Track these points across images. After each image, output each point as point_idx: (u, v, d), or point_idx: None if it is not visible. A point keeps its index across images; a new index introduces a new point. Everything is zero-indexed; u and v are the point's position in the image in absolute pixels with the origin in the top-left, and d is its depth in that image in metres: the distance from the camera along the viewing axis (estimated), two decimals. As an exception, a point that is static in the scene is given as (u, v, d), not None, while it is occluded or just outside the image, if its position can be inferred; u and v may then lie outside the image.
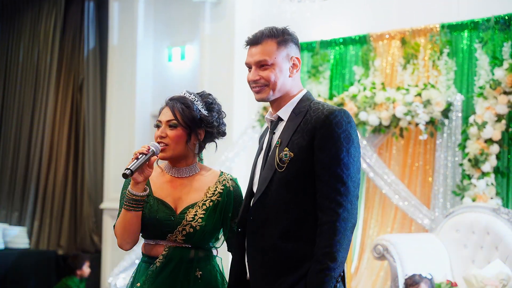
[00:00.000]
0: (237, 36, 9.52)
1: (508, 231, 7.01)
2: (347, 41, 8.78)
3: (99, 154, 11.30)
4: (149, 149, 3.57)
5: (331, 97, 8.55)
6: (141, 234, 3.77)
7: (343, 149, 3.31)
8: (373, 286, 8.20)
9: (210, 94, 3.89)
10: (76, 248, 11.17)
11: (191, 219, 3.64)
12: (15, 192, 11.82)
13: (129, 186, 3.64)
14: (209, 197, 3.70)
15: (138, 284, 3.67)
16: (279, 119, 3.56)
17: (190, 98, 3.77)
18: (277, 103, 3.56)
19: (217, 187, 3.74)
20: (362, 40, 8.61)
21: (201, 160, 3.93)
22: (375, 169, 8.13)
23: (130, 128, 10.65)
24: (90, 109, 11.33)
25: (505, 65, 7.31)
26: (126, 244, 3.73)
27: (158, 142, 3.70)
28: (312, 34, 9.11)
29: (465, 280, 6.79)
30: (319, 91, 8.77)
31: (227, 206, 3.71)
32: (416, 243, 7.45)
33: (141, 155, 3.55)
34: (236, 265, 3.61)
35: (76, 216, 11.39)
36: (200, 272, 3.67)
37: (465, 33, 7.88)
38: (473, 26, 7.79)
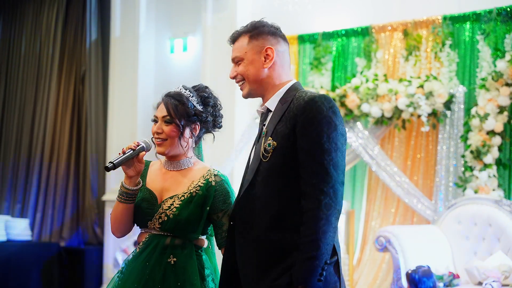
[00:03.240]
0: (239, 27, 9.48)
1: (510, 223, 7.01)
2: (349, 33, 8.77)
3: (101, 146, 11.30)
4: (138, 145, 3.73)
5: (333, 88, 8.55)
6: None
7: (324, 135, 3.26)
8: (375, 278, 8.21)
9: (206, 88, 4.00)
10: (78, 240, 11.19)
11: (167, 208, 3.76)
12: (18, 184, 11.83)
13: (123, 180, 3.78)
14: (189, 190, 3.79)
15: (121, 269, 3.85)
16: (268, 110, 3.57)
17: (185, 94, 3.86)
18: (264, 95, 3.59)
19: (199, 181, 3.82)
20: (364, 32, 8.60)
21: (200, 155, 4.04)
22: (378, 161, 8.14)
23: (132, 119, 10.65)
24: (92, 101, 11.33)
25: (507, 56, 7.31)
26: (117, 233, 3.93)
27: (155, 138, 3.84)
28: (314, 26, 9.11)
29: (467, 272, 6.80)
30: (321, 82, 8.78)
31: (205, 200, 3.78)
32: (418, 235, 7.46)
33: (129, 150, 3.70)
34: (227, 259, 3.60)
35: (78, 208, 11.40)
36: (175, 259, 3.75)
37: (467, 25, 7.88)
38: (475, 17, 7.79)
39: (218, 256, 3.95)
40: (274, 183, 3.35)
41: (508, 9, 7.50)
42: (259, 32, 3.60)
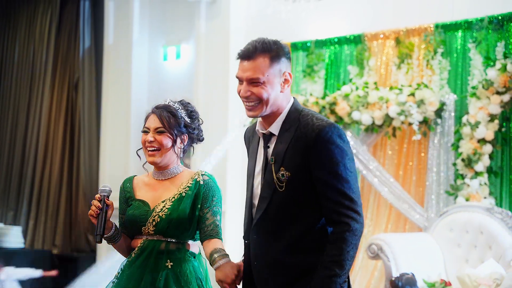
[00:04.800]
0: (232, 35, 9.53)
1: (502, 230, 7.03)
2: (342, 41, 8.79)
3: (94, 153, 11.31)
4: (100, 199, 3.83)
5: (323, 96, 8.57)
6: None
7: (339, 164, 3.36)
8: (367, 286, 8.21)
9: (189, 103, 4.13)
10: (71, 248, 11.18)
11: (160, 210, 3.89)
12: (10, 191, 11.82)
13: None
14: (179, 191, 3.94)
15: (117, 274, 3.96)
16: (272, 134, 3.55)
17: (174, 106, 4.01)
18: (268, 118, 3.55)
19: (188, 182, 3.97)
20: (356, 40, 8.62)
21: (186, 164, 4.19)
22: (370, 168, 8.15)
23: (125, 126, 10.65)
24: (86, 108, 11.34)
25: (498, 65, 7.32)
26: (124, 256, 4.10)
27: (148, 147, 3.96)
28: (307, 34, 9.13)
29: (459, 280, 6.81)
30: (314, 90, 8.79)
31: (195, 199, 3.93)
32: (410, 243, 7.46)
33: (99, 213, 3.80)
34: (246, 275, 3.67)
35: (71, 215, 11.39)
36: (171, 263, 3.87)
37: (459, 33, 7.89)
38: (467, 26, 7.80)
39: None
40: (289, 211, 3.45)
41: (500, 18, 7.52)
42: (279, 54, 3.50)
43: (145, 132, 3.98)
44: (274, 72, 3.47)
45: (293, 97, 3.61)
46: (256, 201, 3.58)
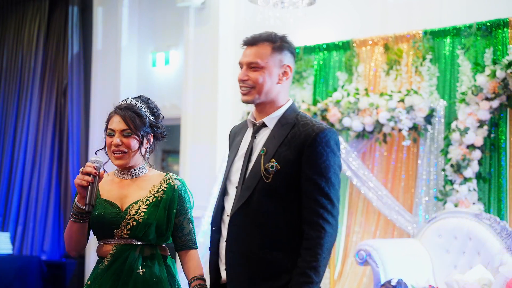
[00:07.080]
0: (221, 41, 9.53)
1: (490, 236, 7.04)
2: (330, 47, 8.80)
3: (83, 158, 11.28)
4: (95, 168, 3.69)
5: (314, 102, 8.58)
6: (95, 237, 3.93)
7: (331, 168, 3.44)
8: (356, 291, 8.22)
9: (149, 99, 4.03)
10: (59, 254, 11.14)
11: (134, 213, 3.77)
12: (-1, 197, 11.78)
13: (75, 199, 3.75)
14: (153, 193, 3.85)
15: (89, 282, 3.81)
16: (263, 125, 3.62)
17: (138, 105, 3.91)
18: (261, 108, 3.64)
19: (161, 185, 3.88)
20: (345, 46, 8.63)
21: (150, 165, 4.06)
22: (359, 174, 8.16)
23: (114, 133, 10.63)
24: (74, 114, 11.31)
25: (487, 71, 7.35)
26: (73, 251, 3.92)
27: (114, 151, 3.85)
28: (296, 40, 9.02)
29: (448, 286, 6.82)
30: (303, 96, 8.80)
31: (171, 203, 3.84)
32: (399, 248, 7.47)
33: (93, 182, 3.67)
34: (214, 264, 3.69)
35: (60, 221, 11.36)
36: (143, 270, 3.76)
37: (448, 39, 7.92)
38: (456, 32, 7.83)
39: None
40: (272, 204, 3.47)
41: (488, 24, 7.55)
42: (282, 46, 3.61)
43: (110, 135, 3.88)
44: (274, 61, 3.57)
45: (292, 100, 3.68)
46: (230, 189, 3.63)
